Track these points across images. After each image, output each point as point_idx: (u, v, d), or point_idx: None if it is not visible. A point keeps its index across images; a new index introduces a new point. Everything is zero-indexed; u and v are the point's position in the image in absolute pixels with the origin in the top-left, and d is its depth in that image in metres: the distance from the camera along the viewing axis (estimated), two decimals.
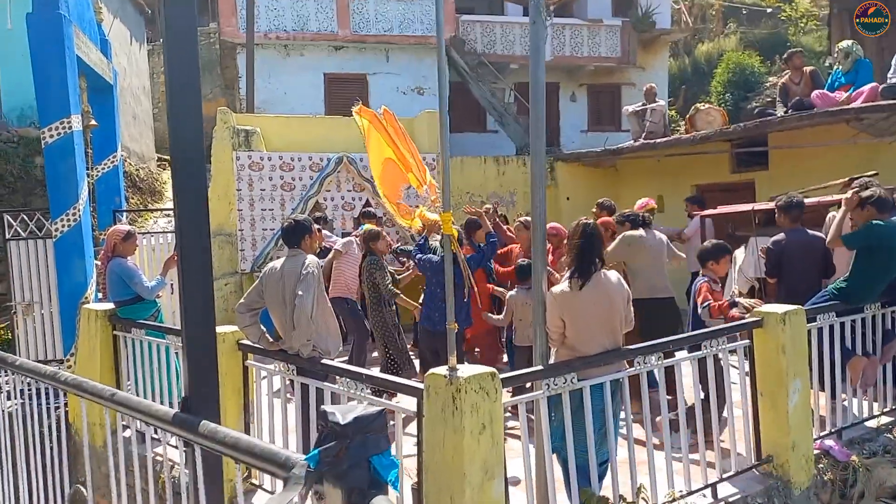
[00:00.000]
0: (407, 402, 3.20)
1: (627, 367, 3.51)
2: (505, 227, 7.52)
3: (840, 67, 8.21)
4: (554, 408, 3.28)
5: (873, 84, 7.38)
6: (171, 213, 10.32)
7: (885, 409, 4.83)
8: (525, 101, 14.05)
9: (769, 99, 17.68)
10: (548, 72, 15.29)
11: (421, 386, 2.99)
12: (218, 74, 18.42)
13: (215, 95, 18.40)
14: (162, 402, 5.01)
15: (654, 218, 7.01)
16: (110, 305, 5.32)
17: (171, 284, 7.87)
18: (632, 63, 15.76)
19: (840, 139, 7.76)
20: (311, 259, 3.82)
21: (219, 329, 4.18)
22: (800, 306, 4.09)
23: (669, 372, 3.93)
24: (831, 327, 4.44)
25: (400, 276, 7.27)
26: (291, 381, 3.82)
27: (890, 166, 7.43)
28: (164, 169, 15.09)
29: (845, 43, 8.14)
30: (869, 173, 6.23)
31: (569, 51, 14.98)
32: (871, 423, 4.71)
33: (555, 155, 11.55)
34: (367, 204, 9.70)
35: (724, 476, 3.76)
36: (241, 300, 3.99)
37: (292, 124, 10.30)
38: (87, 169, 7.60)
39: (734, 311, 4.28)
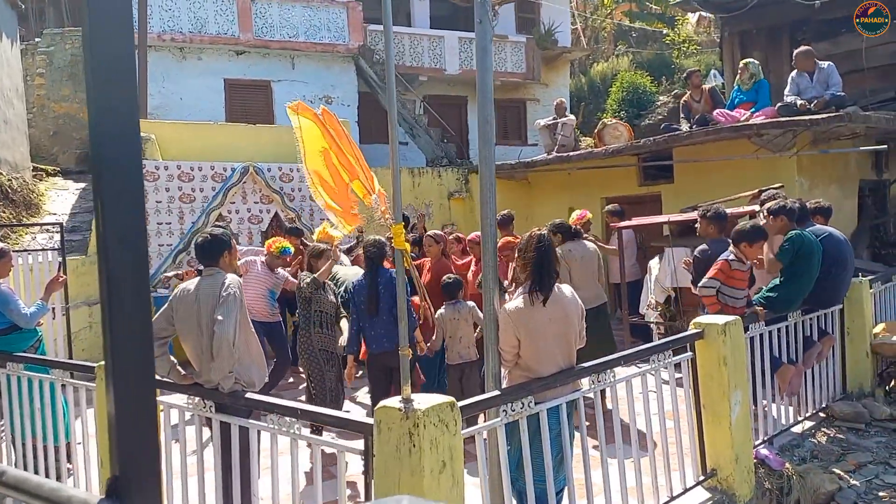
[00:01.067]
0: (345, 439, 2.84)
1: (581, 386, 3.34)
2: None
3: (741, 85, 8.63)
4: (509, 435, 3.03)
5: (772, 108, 7.80)
6: (50, 227, 9.27)
7: (807, 415, 4.98)
8: (435, 112, 13.95)
9: (661, 116, 18.66)
10: (456, 85, 15.30)
11: (370, 421, 2.65)
12: None
13: None
14: (46, 447, 4.35)
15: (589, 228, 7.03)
16: None
17: (53, 309, 7.01)
18: (536, 79, 16.08)
19: (741, 154, 8.14)
20: (231, 278, 3.37)
21: None
22: (737, 316, 4.10)
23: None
24: (761, 336, 4.51)
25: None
26: (209, 420, 3.34)
27: (788, 179, 7.89)
28: (41, 179, 13.66)
29: (753, 62, 8.56)
30: (775, 185, 6.53)
31: (473, 65, 15.02)
32: (797, 429, 4.83)
33: (469, 167, 11.47)
34: (276, 216, 9.16)
35: (675, 494, 3.65)
36: None
37: (191, 131, 9.58)
38: None
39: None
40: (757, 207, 6.10)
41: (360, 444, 2.72)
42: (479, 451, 2.87)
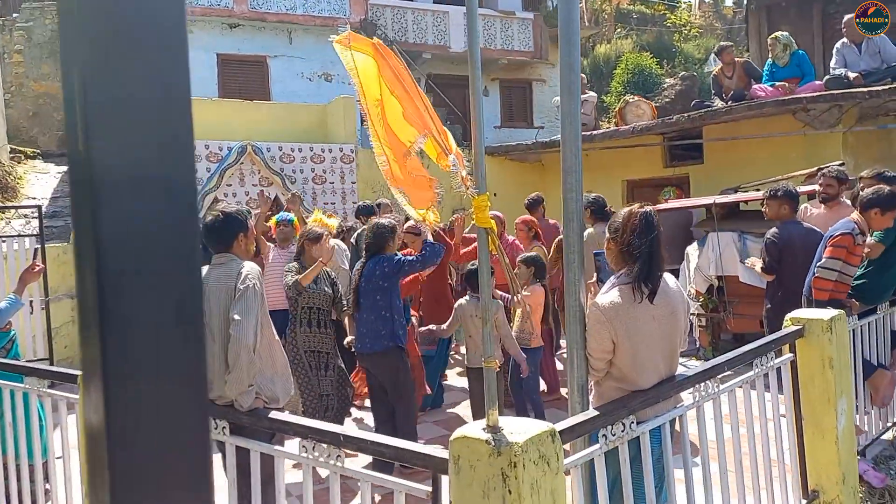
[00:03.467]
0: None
1: (683, 400, 2.72)
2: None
3: (776, 60, 8.03)
4: (606, 465, 2.40)
5: (819, 82, 7.21)
6: (28, 211, 8.52)
7: None
8: (441, 91, 13.25)
9: (668, 99, 18.09)
10: (461, 64, 14.61)
11: (442, 454, 2.02)
12: None
13: None
14: (19, 466, 3.67)
15: None
16: None
17: (31, 303, 6.31)
18: (544, 58, 15.38)
19: (782, 131, 7.54)
20: (248, 267, 2.71)
21: None
22: (841, 311, 3.49)
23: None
24: (852, 332, 3.90)
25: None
26: (222, 445, 2.68)
27: (833, 158, 7.28)
28: (20, 162, 12.83)
29: (782, 34, 7.95)
30: (836, 163, 5.93)
31: (482, 43, 14.27)
32: (887, 436, 4.25)
33: None
34: (277, 199, 8.46)
35: None
36: None
37: None
38: None
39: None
40: (817, 187, 5.50)
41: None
42: (577, 489, 2.24)
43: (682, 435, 2.65)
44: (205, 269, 2.79)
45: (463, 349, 5.77)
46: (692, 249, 6.92)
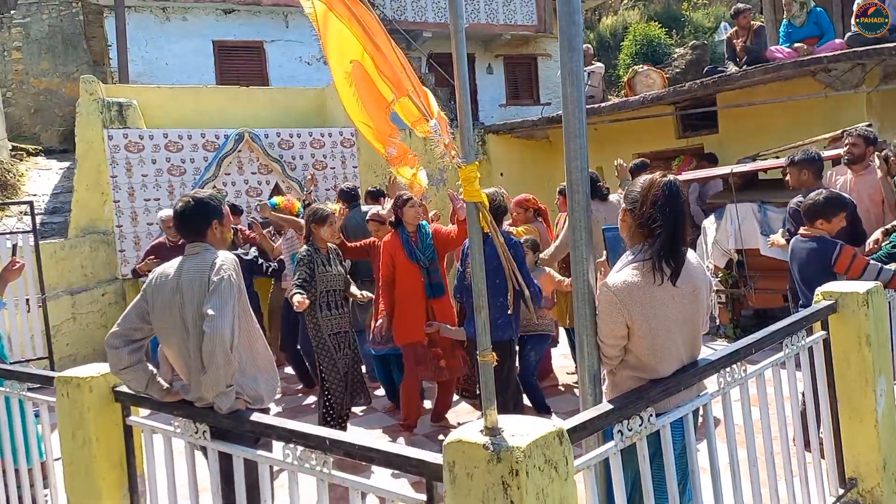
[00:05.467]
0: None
1: (706, 387, 2.47)
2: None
3: (792, 20, 7.63)
4: (623, 464, 2.15)
5: (840, 41, 6.83)
6: (26, 207, 8.35)
7: None
8: (442, 71, 12.91)
9: (678, 69, 17.60)
10: None
11: (436, 460, 1.79)
12: (84, 50, 15.96)
13: (82, 73, 15.92)
14: (6, 473, 3.52)
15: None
16: None
17: (27, 301, 6.15)
18: (548, 32, 14.94)
19: (800, 94, 7.16)
20: (223, 257, 2.47)
21: (82, 370, 2.76)
22: (878, 283, 3.20)
23: None
24: (890, 304, 3.61)
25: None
26: (203, 449, 2.47)
27: (856, 120, 6.91)
28: (21, 160, 12.69)
29: None
30: (863, 124, 5.57)
31: (484, 18, 13.93)
32: None
33: (485, 127, 10.48)
34: (277, 188, 8.24)
35: None
36: (115, 327, 2.57)
37: (178, 96, 8.60)
38: None
39: None
40: (842, 151, 5.17)
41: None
42: (590, 493, 2.00)
43: (706, 421, 2.40)
44: (177, 260, 2.56)
45: None
46: (709, 223, 6.62)
